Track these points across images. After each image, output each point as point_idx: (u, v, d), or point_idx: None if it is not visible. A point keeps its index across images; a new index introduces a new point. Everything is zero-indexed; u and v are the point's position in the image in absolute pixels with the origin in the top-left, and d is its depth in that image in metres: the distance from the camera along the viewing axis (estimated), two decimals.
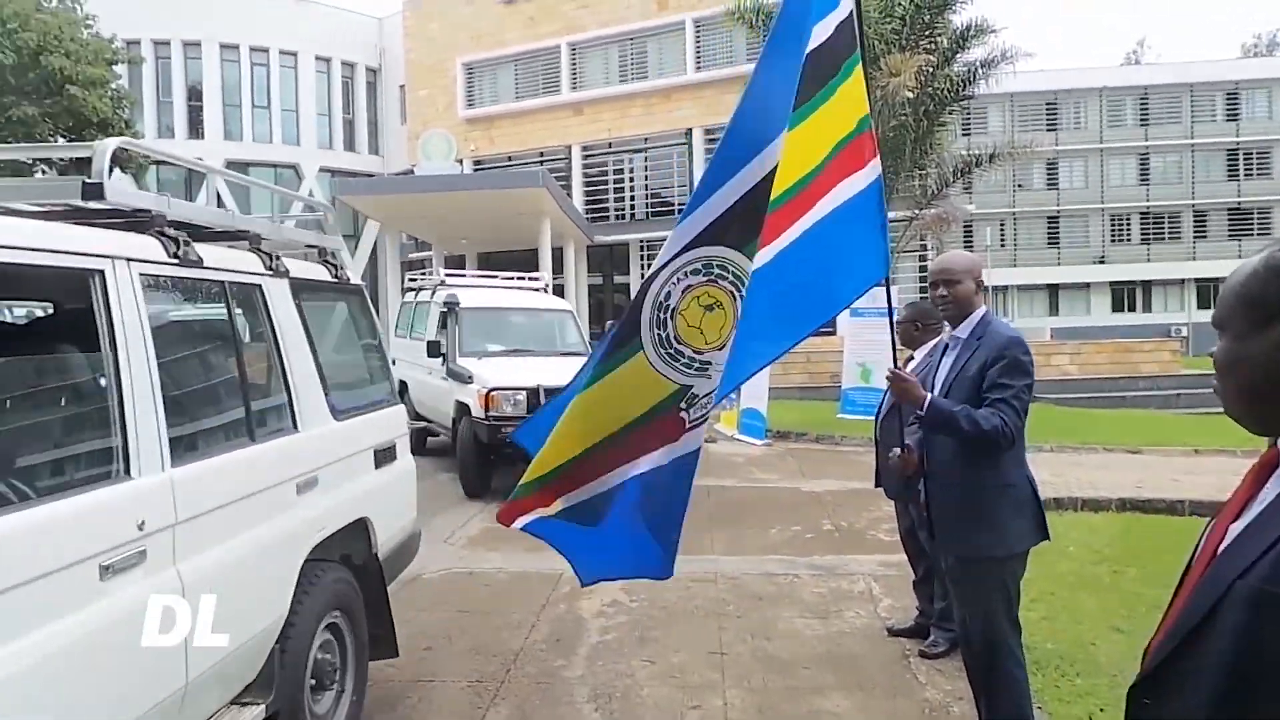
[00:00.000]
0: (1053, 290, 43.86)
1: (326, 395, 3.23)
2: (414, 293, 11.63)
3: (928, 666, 4.05)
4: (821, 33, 2.69)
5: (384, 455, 3.67)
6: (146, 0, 29.56)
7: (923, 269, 22.76)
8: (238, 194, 31.13)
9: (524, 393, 7.78)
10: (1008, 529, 2.82)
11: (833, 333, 16.10)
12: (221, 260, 2.77)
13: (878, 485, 4.58)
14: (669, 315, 2.73)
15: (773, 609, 4.91)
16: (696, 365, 2.77)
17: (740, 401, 11.80)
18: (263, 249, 3.05)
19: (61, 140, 21.41)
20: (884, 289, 2.98)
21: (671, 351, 2.76)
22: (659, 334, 2.74)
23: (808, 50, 2.65)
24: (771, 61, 2.71)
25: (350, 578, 3.27)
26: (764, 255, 2.59)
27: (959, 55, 14.81)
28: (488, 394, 7.81)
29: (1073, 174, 44.77)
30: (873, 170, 2.79)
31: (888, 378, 2.92)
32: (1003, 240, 42.65)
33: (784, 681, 3.94)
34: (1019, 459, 2.87)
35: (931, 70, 14.03)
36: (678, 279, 2.71)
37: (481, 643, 4.39)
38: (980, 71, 14.64)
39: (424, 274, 11.14)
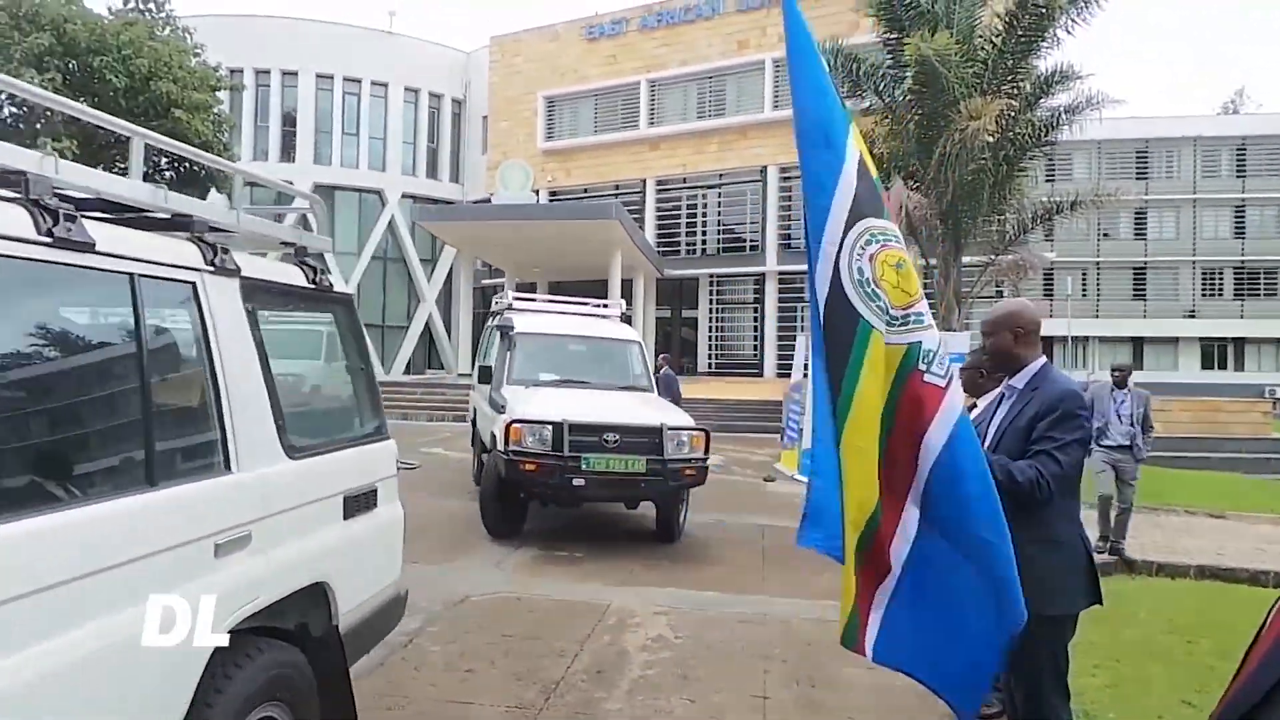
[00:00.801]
0: (1137, 343, 42.21)
1: (280, 427, 2.56)
2: (493, 316, 10.45)
3: None
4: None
5: (358, 502, 2.97)
6: (252, 32, 31.22)
7: None
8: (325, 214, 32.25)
9: (549, 428, 6.85)
10: (1055, 588, 2.70)
11: None
12: (127, 246, 2.10)
13: None
14: (875, 286, 2.57)
15: (822, 655, 4.78)
16: (913, 319, 2.58)
17: (803, 441, 11.63)
18: (206, 240, 2.43)
19: (165, 160, 22.61)
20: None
21: (891, 316, 2.57)
22: (876, 305, 2.56)
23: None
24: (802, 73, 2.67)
25: (297, 658, 2.53)
26: None
27: (1042, 100, 14.54)
28: (509, 425, 6.90)
29: (1162, 224, 43.26)
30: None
31: None
32: (1084, 290, 41.32)
33: None
34: (1069, 515, 2.76)
35: (1013, 115, 13.80)
36: (858, 254, 2.58)
37: (523, 669, 4.38)
38: (1064, 117, 14.34)
39: (499, 299, 10.53)
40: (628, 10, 30.32)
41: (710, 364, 29.20)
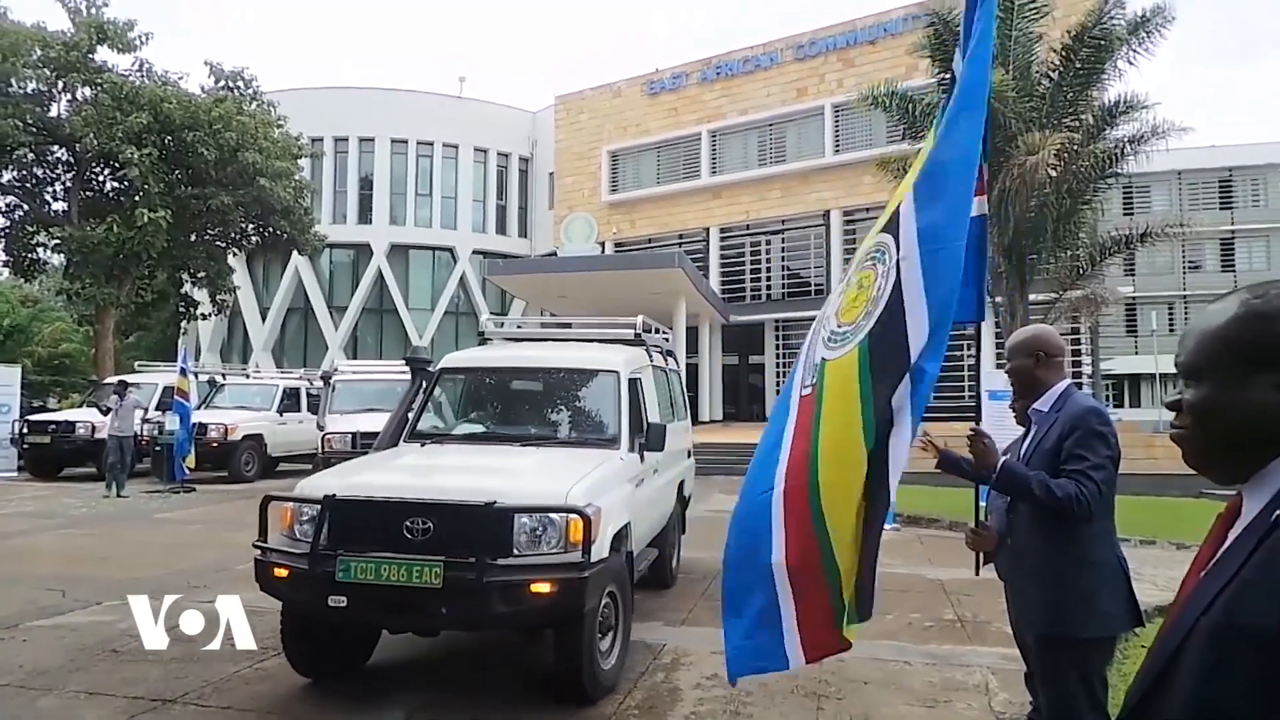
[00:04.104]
0: None
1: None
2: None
3: None
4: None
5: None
6: (332, 103, 32.96)
7: (1074, 351, 21.57)
8: (397, 270, 33.53)
9: (309, 510, 4.45)
10: (1090, 609, 2.67)
11: (976, 418, 15.47)
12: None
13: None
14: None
15: (877, 694, 4.73)
16: (849, 333, 2.70)
17: None
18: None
19: (250, 226, 23.90)
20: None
21: (832, 334, 2.77)
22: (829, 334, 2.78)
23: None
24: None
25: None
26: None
27: (1106, 132, 14.31)
28: (264, 503, 4.67)
29: (1252, 254, 41.58)
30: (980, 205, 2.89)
31: (968, 436, 2.87)
32: (1171, 324, 39.78)
33: None
34: (1105, 535, 2.73)
35: (1075, 148, 13.62)
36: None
37: (577, 705, 4.45)
38: (1129, 148, 14.06)
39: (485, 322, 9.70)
40: (687, 65, 31.01)
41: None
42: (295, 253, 26.68)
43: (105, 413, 14.16)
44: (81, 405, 19.17)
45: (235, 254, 26.24)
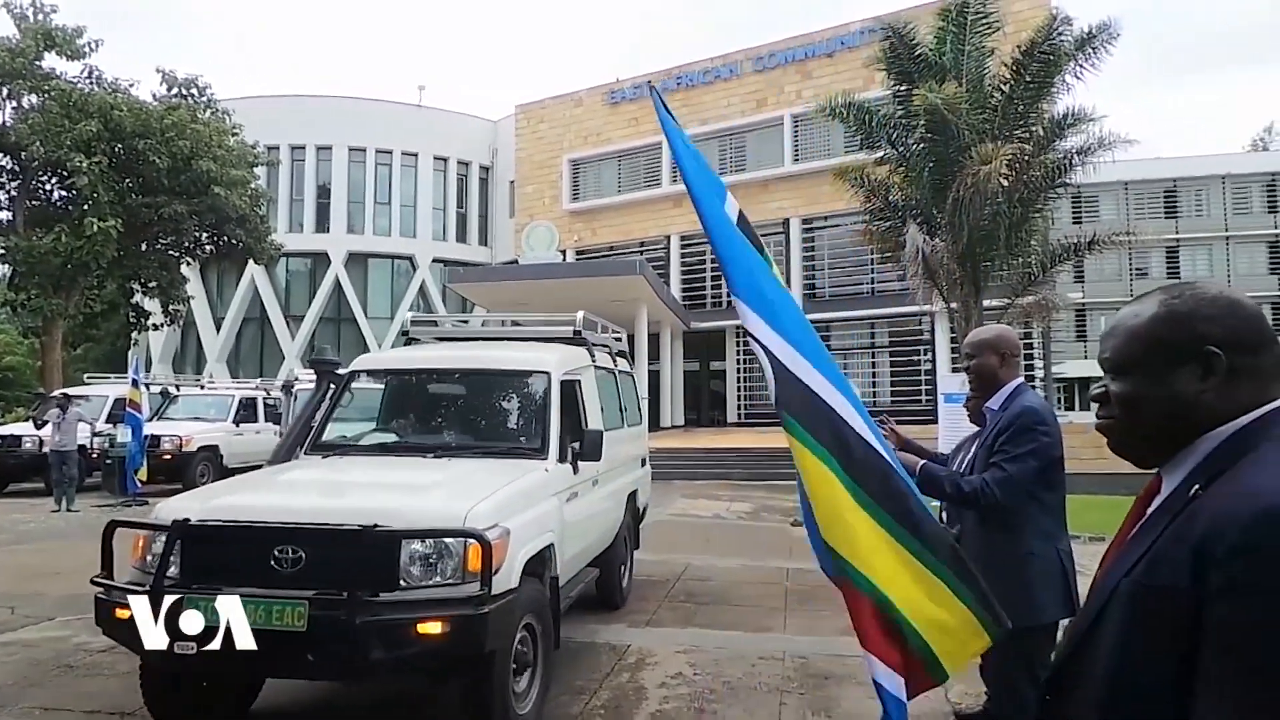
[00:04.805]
0: None
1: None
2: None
3: None
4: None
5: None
6: (288, 110, 32.57)
7: (1027, 355, 22.08)
8: (355, 279, 33.19)
9: (159, 539, 3.76)
10: (1029, 598, 2.79)
11: (934, 420, 15.77)
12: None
13: None
14: None
15: (839, 688, 4.82)
16: None
17: None
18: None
19: (205, 235, 23.50)
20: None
21: None
22: None
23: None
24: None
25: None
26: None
27: (1055, 143, 14.71)
28: (107, 530, 4.03)
29: (1195, 262, 42.91)
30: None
31: (886, 435, 2.94)
32: None
33: None
34: (1041, 529, 2.86)
35: (1026, 159, 13.98)
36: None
37: (544, 707, 4.47)
38: (1078, 159, 14.47)
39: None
40: (648, 75, 31.20)
41: (740, 414, 29.21)
42: (251, 262, 26.29)
43: (40, 426, 13.85)
44: (27, 420, 18.66)
45: (189, 263, 25.77)
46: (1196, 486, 1.05)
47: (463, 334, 7.22)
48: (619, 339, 7.57)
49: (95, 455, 14.59)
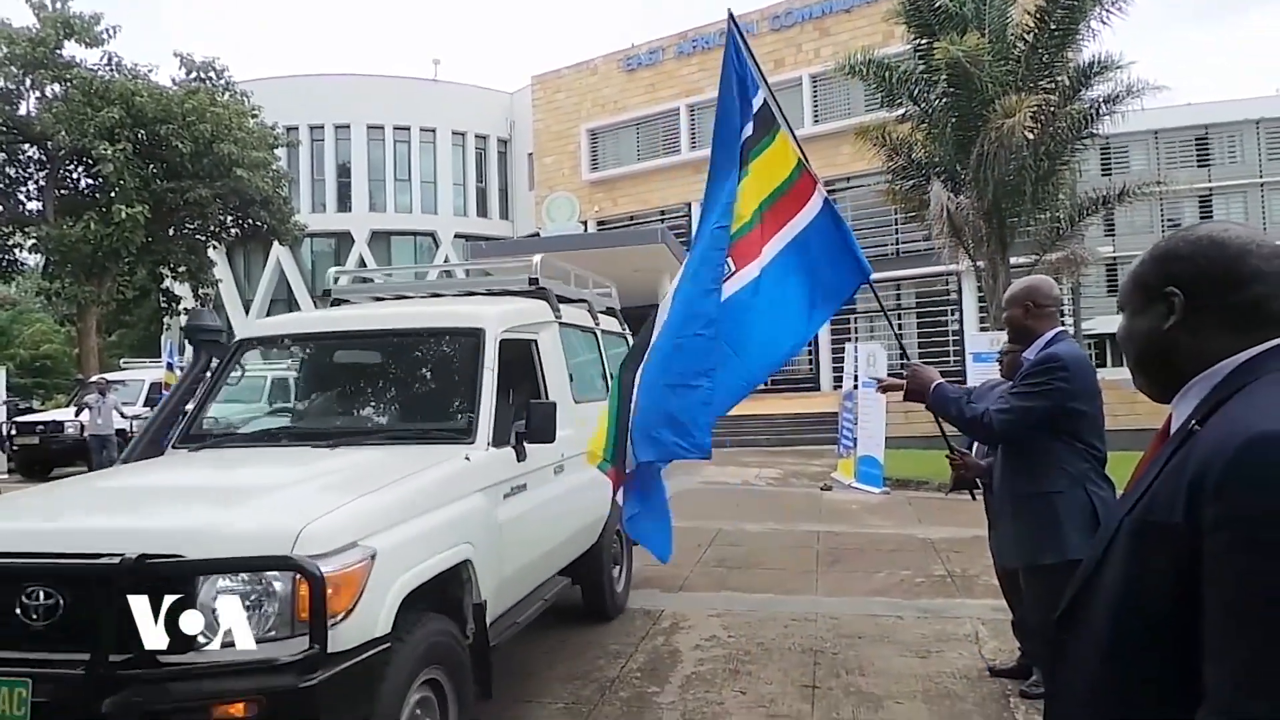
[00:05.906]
0: None
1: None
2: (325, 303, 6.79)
3: (1027, 705, 3.93)
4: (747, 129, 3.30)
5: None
6: (305, 90, 32.58)
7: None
8: (379, 257, 33.41)
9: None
10: (1056, 536, 2.83)
11: (963, 380, 15.68)
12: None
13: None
14: None
15: (871, 647, 4.87)
16: None
17: (857, 449, 11.64)
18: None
19: (229, 218, 23.73)
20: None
21: None
22: None
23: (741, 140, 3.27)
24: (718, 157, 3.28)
25: None
26: (731, 286, 3.13)
27: (1082, 93, 14.38)
28: None
29: (1229, 210, 41.86)
30: (818, 199, 3.26)
31: (907, 373, 3.09)
32: None
33: (875, 716, 3.92)
34: (1070, 473, 2.87)
35: (1052, 110, 13.70)
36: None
37: (580, 670, 4.57)
38: (1105, 108, 14.15)
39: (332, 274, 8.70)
40: (663, 40, 30.83)
41: (767, 380, 29.12)
42: (276, 243, 26.50)
43: (79, 412, 14.14)
44: (67, 406, 19.08)
45: (215, 247, 26.04)
46: (1194, 423, 1.06)
47: (399, 291, 5.62)
48: (607, 294, 6.45)
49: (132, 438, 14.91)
